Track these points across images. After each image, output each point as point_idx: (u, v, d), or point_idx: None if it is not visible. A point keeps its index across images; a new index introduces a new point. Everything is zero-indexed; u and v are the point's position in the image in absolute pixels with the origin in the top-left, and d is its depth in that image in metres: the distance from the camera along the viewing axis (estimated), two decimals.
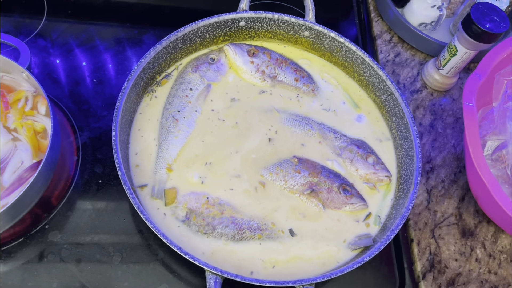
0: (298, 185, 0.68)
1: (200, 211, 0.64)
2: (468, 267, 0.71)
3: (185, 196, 0.65)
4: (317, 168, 0.69)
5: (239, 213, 0.65)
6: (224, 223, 0.63)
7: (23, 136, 0.64)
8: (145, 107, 0.72)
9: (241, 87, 0.77)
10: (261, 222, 0.65)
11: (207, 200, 0.65)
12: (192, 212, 0.64)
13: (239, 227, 0.64)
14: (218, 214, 0.64)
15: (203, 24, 0.75)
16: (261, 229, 0.64)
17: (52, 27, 0.84)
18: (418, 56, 0.92)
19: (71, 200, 0.68)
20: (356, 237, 0.67)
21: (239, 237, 0.63)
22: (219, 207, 0.65)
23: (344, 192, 0.67)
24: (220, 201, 0.65)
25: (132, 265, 0.64)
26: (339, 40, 0.78)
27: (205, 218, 0.63)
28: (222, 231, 0.63)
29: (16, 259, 0.63)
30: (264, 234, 0.64)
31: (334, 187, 0.67)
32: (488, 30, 0.73)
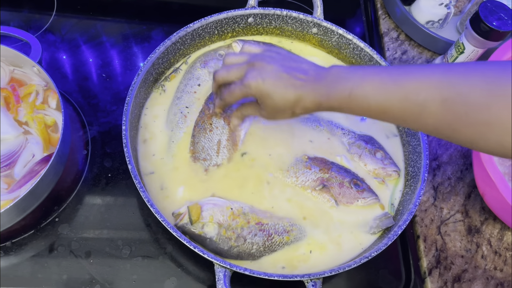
0: (309, 181, 0.68)
1: (228, 223, 0.62)
2: (474, 264, 0.72)
3: (208, 209, 0.62)
4: (327, 164, 0.70)
5: (264, 219, 0.64)
6: (253, 232, 0.63)
7: (34, 130, 0.65)
8: (154, 101, 0.72)
9: None
10: (285, 223, 0.65)
11: (232, 212, 0.63)
12: (221, 226, 0.62)
13: (267, 233, 0.63)
14: (246, 224, 0.63)
15: (212, 20, 0.75)
16: (287, 230, 0.64)
17: (61, 22, 0.84)
18: (425, 53, 0.92)
19: (80, 193, 0.69)
20: (375, 220, 0.67)
21: (269, 243, 0.63)
22: (244, 216, 0.64)
23: (355, 186, 0.67)
24: (244, 210, 0.64)
25: (141, 258, 0.65)
26: (347, 37, 0.78)
27: (235, 230, 0.62)
28: (252, 240, 0.63)
29: (27, 251, 0.63)
30: (291, 235, 0.64)
31: (346, 182, 0.68)
32: (496, 28, 0.73)
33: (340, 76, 0.52)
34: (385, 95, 0.49)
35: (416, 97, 0.47)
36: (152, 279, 0.64)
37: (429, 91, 0.46)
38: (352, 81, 0.51)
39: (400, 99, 0.48)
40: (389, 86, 0.49)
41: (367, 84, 0.50)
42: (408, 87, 0.47)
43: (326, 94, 0.53)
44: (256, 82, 0.55)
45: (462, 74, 0.45)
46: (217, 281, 0.56)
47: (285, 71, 0.55)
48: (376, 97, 0.49)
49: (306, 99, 0.54)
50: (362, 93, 0.50)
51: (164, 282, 0.64)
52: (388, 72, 0.50)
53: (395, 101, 0.48)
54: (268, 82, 0.55)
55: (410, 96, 0.47)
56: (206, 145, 0.68)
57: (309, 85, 0.54)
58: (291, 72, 0.55)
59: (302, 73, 0.55)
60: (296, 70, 0.55)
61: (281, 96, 0.54)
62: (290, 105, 0.55)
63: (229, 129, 0.69)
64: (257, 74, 0.55)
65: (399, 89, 0.48)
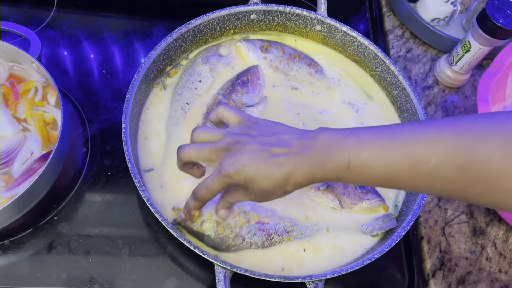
0: None
1: (227, 222, 0.62)
2: (478, 266, 0.71)
3: (208, 206, 0.61)
4: None
5: (265, 218, 0.63)
6: (252, 231, 0.62)
7: (33, 127, 0.64)
8: (154, 98, 0.71)
9: None
10: (286, 223, 0.64)
11: (232, 210, 0.61)
12: (219, 225, 0.61)
13: (267, 233, 0.62)
14: (245, 223, 0.62)
15: (214, 17, 0.74)
16: (288, 231, 0.63)
17: (61, 18, 0.83)
18: (430, 52, 0.91)
19: (80, 192, 0.68)
20: (377, 221, 0.65)
21: (268, 243, 0.62)
22: (244, 215, 0.63)
23: (360, 187, 0.66)
24: (245, 209, 0.63)
25: (141, 258, 0.64)
26: (351, 35, 0.77)
27: (233, 229, 0.62)
28: (251, 239, 0.62)
29: (25, 250, 0.63)
30: (291, 235, 0.63)
31: None
32: (503, 26, 0.72)
33: (331, 144, 0.46)
34: (389, 163, 0.43)
35: (426, 165, 0.41)
36: (152, 279, 0.63)
37: (440, 157, 0.41)
38: (347, 149, 0.45)
39: (408, 168, 0.43)
40: (393, 154, 0.43)
41: (366, 152, 0.44)
42: (415, 154, 0.42)
43: (320, 166, 0.46)
44: (235, 170, 0.47)
45: (476, 135, 0.40)
46: (217, 283, 0.55)
47: (265, 150, 0.48)
48: (380, 167, 0.44)
49: (296, 174, 0.47)
50: (362, 162, 0.45)
51: (164, 282, 0.63)
52: (388, 135, 0.44)
53: (402, 170, 0.43)
54: (248, 167, 0.47)
55: (419, 164, 0.42)
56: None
57: (296, 158, 0.47)
58: (272, 147, 0.48)
59: (284, 147, 0.48)
60: (277, 145, 0.48)
61: (267, 178, 0.47)
62: (279, 185, 0.48)
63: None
64: (234, 161, 0.48)
65: (405, 157, 0.43)
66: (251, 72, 0.73)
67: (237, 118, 0.53)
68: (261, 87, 0.73)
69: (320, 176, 0.47)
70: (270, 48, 0.77)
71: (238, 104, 0.71)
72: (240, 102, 0.71)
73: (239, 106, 0.71)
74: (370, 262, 0.58)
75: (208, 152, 0.50)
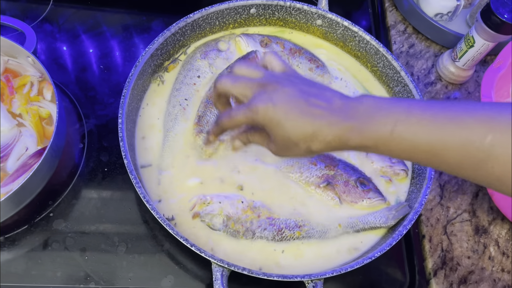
0: (313, 177, 0.66)
1: (237, 217, 0.61)
2: (480, 265, 0.70)
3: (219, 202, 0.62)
4: (334, 160, 0.67)
5: (275, 213, 0.63)
6: (262, 226, 0.62)
7: (28, 122, 0.63)
8: (152, 93, 0.70)
9: None
10: (298, 218, 0.63)
11: (242, 205, 0.62)
12: (229, 219, 0.61)
13: (278, 227, 0.62)
14: (256, 218, 0.62)
15: (213, 11, 0.73)
16: (299, 226, 0.63)
17: (59, 12, 0.82)
18: (433, 47, 0.90)
19: (76, 188, 0.67)
20: (390, 211, 0.64)
21: (279, 238, 0.62)
22: (255, 210, 0.62)
23: (361, 186, 0.65)
24: (255, 204, 0.63)
25: (137, 255, 0.63)
26: (353, 29, 0.75)
27: (244, 224, 0.61)
28: (261, 234, 0.61)
29: (20, 247, 0.62)
30: (303, 231, 0.62)
31: (351, 180, 0.65)
32: (508, 20, 0.71)
33: (377, 107, 0.43)
34: (440, 134, 0.40)
35: (481, 140, 0.38)
36: (149, 277, 0.62)
37: (499, 135, 0.37)
38: (395, 115, 0.41)
39: (460, 142, 0.39)
40: (446, 124, 0.39)
41: (416, 120, 0.41)
42: (471, 127, 0.38)
43: (358, 129, 0.42)
44: (265, 107, 0.44)
45: None
46: (214, 281, 0.54)
47: (303, 97, 0.44)
48: (428, 137, 0.40)
49: (327, 132, 0.43)
50: (409, 130, 0.41)
51: (161, 280, 0.62)
52: (441, 106, 0.41)
53: (453, 143, 0.39)
54: (279, 108, 0.44)
55: (474, 138, 0.38)
56: (212, 120, 0.67)
57: (333, 115, 0.43)
58: (310, 98, 0.44)
59: (323, 100, 0.44)
60: (316, 97, 0.45)
61: (295, 125, 0.44)
62: (305, 138, 0.44)
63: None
64: (267, 98, 0.44)
65: (459, 129, 0.39)
66: (250, 58, 0.72)
67: (283, 66, 0.50)
68: None
69: (355, 141, 0.43)
70: (270, 43, 0.75)
71: None
72: None
73: None
74: (371, 261, 0.57)
75: (244, 85, 0.47)
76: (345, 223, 0.64)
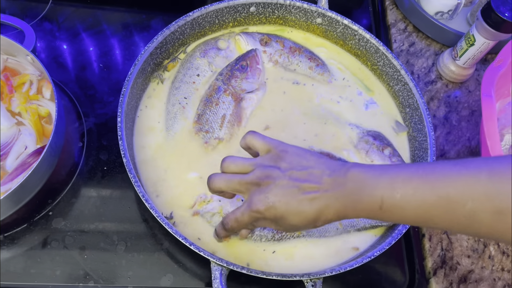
0: None
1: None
2: (480, 264, 0.69)
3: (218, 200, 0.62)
4: (333, 158, 0.67)
5: None
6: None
7: (27, 121, 0.63)
8: (151, 92, 0.70)
9: None
10: None
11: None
12: None
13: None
14: None
15: (212, 9, 0.72)
16: None
17: (58, 11, 0.82)
18: (434, 46, 0.89)
19: (75, 187, 0.67)
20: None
21: (279, 236, 0.62)
22: None
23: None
24: None
25: (137, 254, 0.63)
26: (353, 28, 0.75)
27: None
28: (261, 233, 0.61)
29: (19, 245, 0.62)
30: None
31: None
32: (509, 19, 0.70)
33: (363, 183, 0.45)
34: (423, 205, 0.42)
35: (462, 208, 0.40)
36: (148, 276, 0.62)
37: (478, 202, 0.40)
38: (380, 190, 0.44)
39: (443, 211, 0.42)
40: (427, 196, 0.42)
41: (400, 194, 0.43)
42: (450, 197, 0.41)
43: (352, 206, 0.46)
44: (265, 207, 0.48)
45: None
46: (213, 280, 0.54)
47: (295, 186, 0.47)
48: (413, 208, 0.43)
49: (327, 212, 0.47)
50: (395, 203, 0.44)
51: (160, 279, 0.62)
52: (421, 175, 0.43)
53: (437, 212, 0.42)
54: (279, 205, 0.48)
55: (455, 206, 0.41)
56: (211, 118, 0.67)
57: (327, 196, 0.47)
58: (302, 184, 0.47)
59: (315, 183, 0.47)
60: (307, 181, 0.47)
61: (297, 216, 0.48)
62: (309, 222, 0.48)
63: (234, 106, 0.68)
64: (264, 198, 0.48)
65: (440, 199, 0.41)
66: (250, 56, 0.72)
67: (266, 146, 0.52)
68: (260, 72, 0.72)
69: (351, 215, 0.47)
70: (270, 42, 0.75)
71: (237, 91, 0.70)
72: (239, 89, 0.70)
73: (239, 93, 0.70)
74: (370, 260, 0.57)
75: (238, 185, 0.51)
76: (346, 222, 0.64)
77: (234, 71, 0.71)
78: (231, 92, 0.69)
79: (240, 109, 0.69)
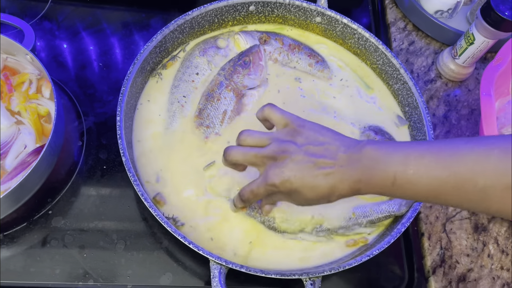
0: None
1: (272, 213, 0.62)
2: (480, 263, 0.69)
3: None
4: None
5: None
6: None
7: (26, 120, 0.63)
8: (150, 90, 0.70)
9: None
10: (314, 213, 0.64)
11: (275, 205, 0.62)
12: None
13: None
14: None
15: (211, 8, 0.72)
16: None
17: (58, 10, 0.82)
18: (433, 44, 0.89)
19: (75, 185, 0.67)
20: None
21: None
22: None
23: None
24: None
25: (136, 253, 0.63)
26: (352, 27, 0.75)
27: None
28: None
29: (19, 244, 0.62)
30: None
31: None
32: (508, 17, 0.70)
33: (377, 159, 0.46)
34: (435, 182, 0.43)
35: (473, 185, 0.41)
36: (147, 275, 0.62)
37: (488, 178, 0.41)
38: (393, 166, 0.45)
39: (454, 187, 0.42)
40: (439, 172, 0.43)
41: (412, 170, 0.44)
42: (462, 175, 0.42)
43: (365, 181, 0.47)
44: (281, 181, 0.49)
45: None
46: (212, 278, 0.54)
47: (311, 161, 0.48)
48: (425, 185, 0.44)
49: (341, 187, 0.48)
50: (408, 180, 0.45)
51: (160, 277, 0.62)
52: (434, 152, 0.44)
53: (448, 188, 0.43)
54: (294, 179, 0.49)
55: (466, 184, 0.42)
56: (212, 113, 0.67)
57: (342, 171, 0.48)
58: (318, 159, 0.48)
59: (330, 158, 0.48)
60: (323, 156, 0.48)
61: (312, 190, 0.49)
62: (323, 197, 0.49)
63: (235, 102, 0.68)
64: (279, 172, 0.49)
65: (452, 176, 0.42)
66: (253, 52, 0.72)
67: (283, 119, 0.53)
68: (262, 68, 0.72)
69: (364, 191, 0.48)
70: (269, 40, 0.75)
71: (239, 87, 0.70)
72: (241, 84, 0.70)
73: (240, 89, 0.70)
74: (369, 258, 0.57)
75: (254, 158, 0.51)
76: (358, 212, 0.64)
77: (236, 67, 0.71)
78: (233, 87, 0.69)
79: (241, 105, 0.69)
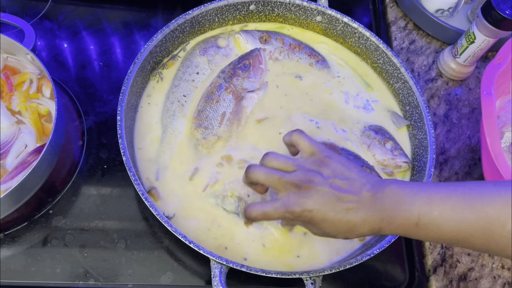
0: None
1: (250, 198, 0.62)
2: (480, 262, 0.69)
3: (230, 183, 0.63)
4: (336, 149, 0.67)
5: None
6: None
7: (27, 119, 0.63)
8: (151, 90, 0.70)
9: None
10: None
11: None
12: (241, 200, 0.62)
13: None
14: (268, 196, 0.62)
15: (212, 7, 0.72)
16: None
17: (58, 9, 0.82)
18: (434, 43, 0.89)
19: (75, 185, 0.67)
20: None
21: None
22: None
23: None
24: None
25: (137, 252, 0.63)
26: (353, 26, 0.75)
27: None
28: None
29: (20, 243, 0.62)
30: None
31: None
32: (509, 16, 0.70)
33: (400, 200, 0.45)
34: (461, 224, 0.42)
35: (502, 228, 0.41)
36: (148, 274, 0.62)
37: None
38: (417, 207, 0.44)
39: (481, 230, 0.42)
40: (465, 214, 0.42)
41: (437, 211, 0.43)
42: (490, 217, 0.41)
43: (388, 221, 0.46)
44: (302, 210, 0.48)
45: None
46: (213, 278, 0.54)
47: (335, 195, 0.47)
48: (450, 226, 0.43)
49: (362, 227, 0.47)
50: (432, 220, 0.44)
51: (160, 277, 0.62)
52: (459, 194, 0.43)
53: (475, 231, 0.42)
54: (315, 213, 0.47)
55: (494, 227, 0.41)
56: (210, 115, 0.67)
57: (364, 209, 0.46)
58: (342, 194, 0.47)
59: (354, 194, 0.47)
60: (347, 191, 0.47)
61: (331, 225, 0.48)
62: (342, 233, 0.48)
63: (234, 104, 0.68)
64: (303, 202, 0.48)
65: (479, 219, 0.41)
66: (253, 56, 0.72)
67: (310, 147, 0.52)
68: (262, 71, 0.72)
69: (386, 231, 0.47)
70: (270, 39, 0.75)
71: (238, 89, 0.70)
72: (240, 87, 0.70)
73: (240, 91, 0.70)
74: (369, 258, 0.57)
75: (277, 181, 0.50)
76: None
77: (236, 70, 0.71)
78: (232, 90, 0.69)
79: (240, 108, 0.69)
